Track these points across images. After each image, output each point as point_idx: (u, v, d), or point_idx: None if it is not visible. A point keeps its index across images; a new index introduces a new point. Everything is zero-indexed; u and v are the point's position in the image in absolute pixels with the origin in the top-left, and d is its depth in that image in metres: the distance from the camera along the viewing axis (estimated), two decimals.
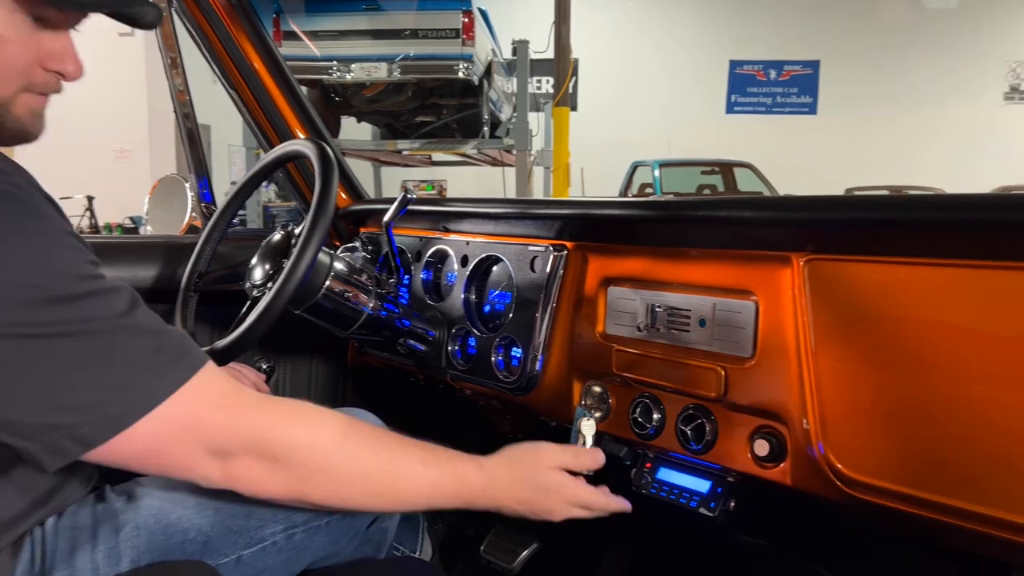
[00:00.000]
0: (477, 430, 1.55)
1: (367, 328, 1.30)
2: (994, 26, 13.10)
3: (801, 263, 0.91)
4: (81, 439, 0.70)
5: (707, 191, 10.25)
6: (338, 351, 1.71)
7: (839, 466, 0.87)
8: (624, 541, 1.49)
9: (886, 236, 0.86)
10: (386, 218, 1.26)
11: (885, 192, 8.80)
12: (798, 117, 13.79)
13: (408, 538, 1.48)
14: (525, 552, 1.46)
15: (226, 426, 0.77)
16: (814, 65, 13.63)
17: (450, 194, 10.10)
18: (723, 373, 0.99)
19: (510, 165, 7.23)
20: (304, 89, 6.03)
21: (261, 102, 1.68)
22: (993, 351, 0.76)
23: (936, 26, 13.09)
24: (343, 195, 1.71)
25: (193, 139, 1.73)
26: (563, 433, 1.17)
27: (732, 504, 1.02)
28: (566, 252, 1.21)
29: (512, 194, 6.97)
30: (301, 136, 1.70)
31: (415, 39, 5.86)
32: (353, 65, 5.94)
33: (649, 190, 10.13)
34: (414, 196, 1.28)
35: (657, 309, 1.09)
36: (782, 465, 0.94)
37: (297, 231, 1.19)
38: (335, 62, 5.92)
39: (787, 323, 0.92)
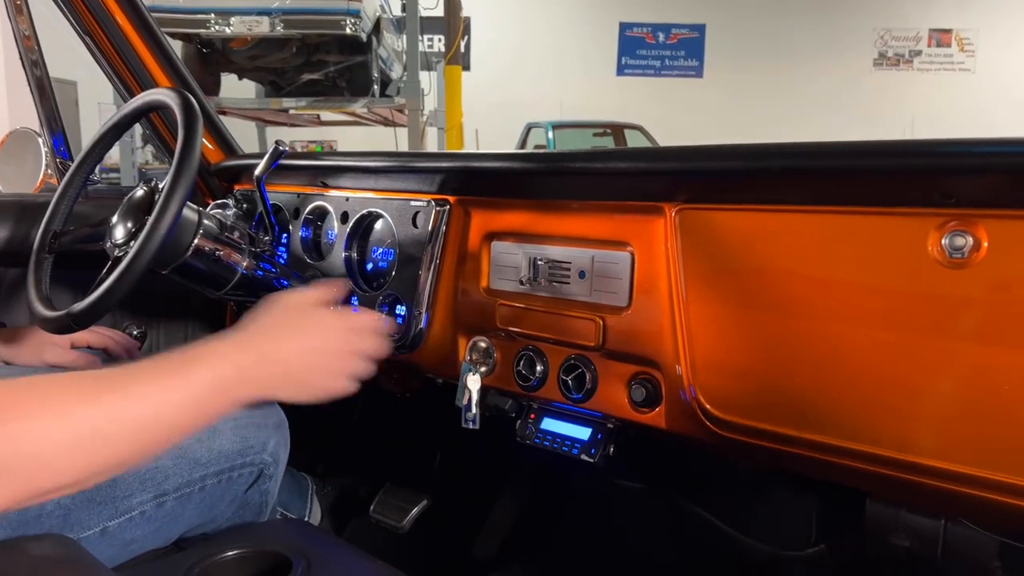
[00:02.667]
0: (363, 390, 1.53)
1: (242, 289, 1.24)
2: None
3: (673, 213, 0.93)
4: None
5: None
6: (215, 315, 1.64)
7: (709, 407, 0.90)
8: (511, 492, 1.51)
9: (752, 184, 0.88)
10: (257, 172, 1.21)
11: None
12: (685, 79, 14.14)
13: (296, 502, 1.45)
14: (415, 510, 1.46)
15: None
16: (700, 29, 13.97)
17: None
18: (601, 323, 1.00)
19: (402, 125, 7.08)
20: (179, 45, 5.70)
21: (122, 53, 1.56)
22: (849, 294, 0.80)
23: None
24: (215, 150, 1.62)
25: (44, 89, 1.59)
26: (450, 389, 1.17)
27: (611, 449, 1.05)
28: (449, 207, 1.19)
29: None
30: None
31: None
32: (232, 19, 5.62)
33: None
34: (287, 148, 1.22)
35: (539, 262, 1.10)
36: (657, 409, 0.97)
37: (161, 186, 1.12)
38: (212, 15, 5.59)
39: (660, 272, 0.94)
